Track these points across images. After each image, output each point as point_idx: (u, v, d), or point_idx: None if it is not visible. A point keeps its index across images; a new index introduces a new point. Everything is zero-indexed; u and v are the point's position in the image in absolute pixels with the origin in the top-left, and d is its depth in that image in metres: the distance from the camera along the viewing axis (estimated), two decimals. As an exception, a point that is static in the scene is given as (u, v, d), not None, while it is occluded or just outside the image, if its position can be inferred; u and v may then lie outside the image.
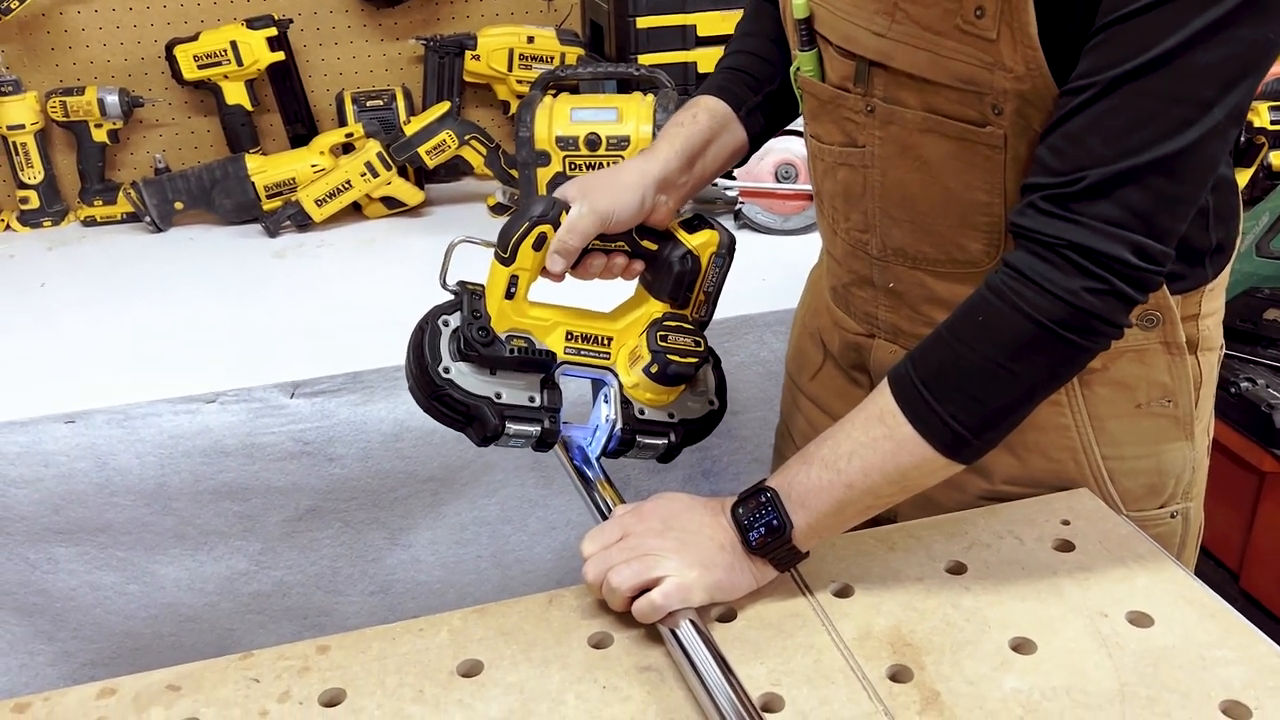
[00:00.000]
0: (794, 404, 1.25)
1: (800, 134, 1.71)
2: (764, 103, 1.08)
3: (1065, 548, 0.95)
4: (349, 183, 1.85)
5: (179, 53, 1.90)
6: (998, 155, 0.84)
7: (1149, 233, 0.76)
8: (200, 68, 1.91)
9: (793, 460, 0.88)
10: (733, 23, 1.17)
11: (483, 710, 0.79)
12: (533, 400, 0.95)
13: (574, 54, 2.03)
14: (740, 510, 0.87)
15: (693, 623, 0.82)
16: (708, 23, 1.87)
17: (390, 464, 1.44)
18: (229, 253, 1.82)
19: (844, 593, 0.90)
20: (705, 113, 1.04)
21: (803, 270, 1.26)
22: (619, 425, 0.99)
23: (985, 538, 0.96)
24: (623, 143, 1.69)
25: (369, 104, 1.98)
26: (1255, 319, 1.46)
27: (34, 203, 1.93)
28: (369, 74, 2.09)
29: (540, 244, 0.91)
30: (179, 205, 1.88)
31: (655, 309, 1.01)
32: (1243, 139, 1.78)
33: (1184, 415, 1.00)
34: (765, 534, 0.85)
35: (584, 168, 1.71)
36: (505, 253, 0.92)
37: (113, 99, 1.88)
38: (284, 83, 2.00)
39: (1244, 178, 1.78)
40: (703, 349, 1.00)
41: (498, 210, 1.92)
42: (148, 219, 1.88)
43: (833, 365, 1.16)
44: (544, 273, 0.94)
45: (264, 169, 1.87)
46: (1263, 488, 1.43)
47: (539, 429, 0.95)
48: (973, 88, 0.82)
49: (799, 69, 0.99)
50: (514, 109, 2.08)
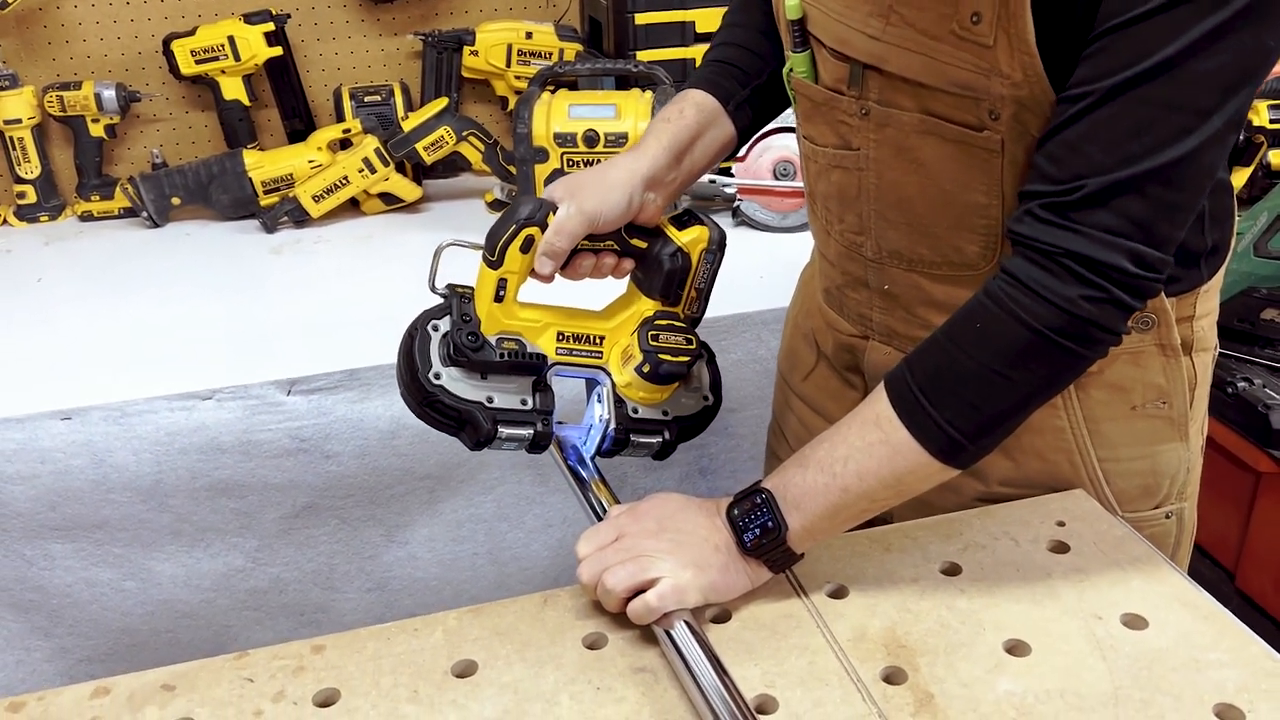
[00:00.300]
0: (786, 404, 1.25)
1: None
2: (752, 96, 1.06)
3: (1060, 549, 0.95)
4: (346, 178, 1.85)
5: (176, 48, 1.90)
6: (995, 159, 0.84)
7: (1148, 241, 0.75)
8: (198, 63, 1.91)
9: (788, 462, 0.87)
10: (732, 20, 1.15)
11: (477, 711, 0.79)
12: (525, 403, 0.95)
13: (572, 50, 2.03)
14: (735, 511, 0.87)
15: (687, 624, 0.82)
16: (706, 19, 1.86)
17: (387, 461, 1.44)
18: (226, 248, 1.82)
19: (839, 594, 0.90)
20: (693, 107, 1.02)
21: (800, 268, 1.26)
22: (613, 425, 0.99)
23: (980, 539, 0.96)
24: (621, 139, 1.69)
25: (367, 99, 1.98)
26: (1252, 319, 1.46)
27: (31, 198, 1.93)
28: (367, 69, 2.09)
29: (528, 246, 0.90)
30: (176, 201, 1.88)
31: (646, 307, 1.00)
32: (1241, 138, 1.78)
33: (1179, 416, 1.00)
34: (760, 535, 0.85)
35: (582, 164, 1.71)
36: (493, 256, 0.91)
37: (110, 94, 1.88)
38: (282, 78, 2.00)
39: (1242, 177, 1.78)
40: (694, 347, 0.99)
41: (496, 206, 1.91)
42: (145, 214, 1.88)
43: (826, 366, 1.15)
44: (533, 274, 0.93)
45: (261, 164, 1.87)
46: (1259, 487, 1.43)
47: (532, 432, 0.95)
48: (969, 93, 0.82)
49: (791, 70, 0.98)
50: (512, 105, 2.07)
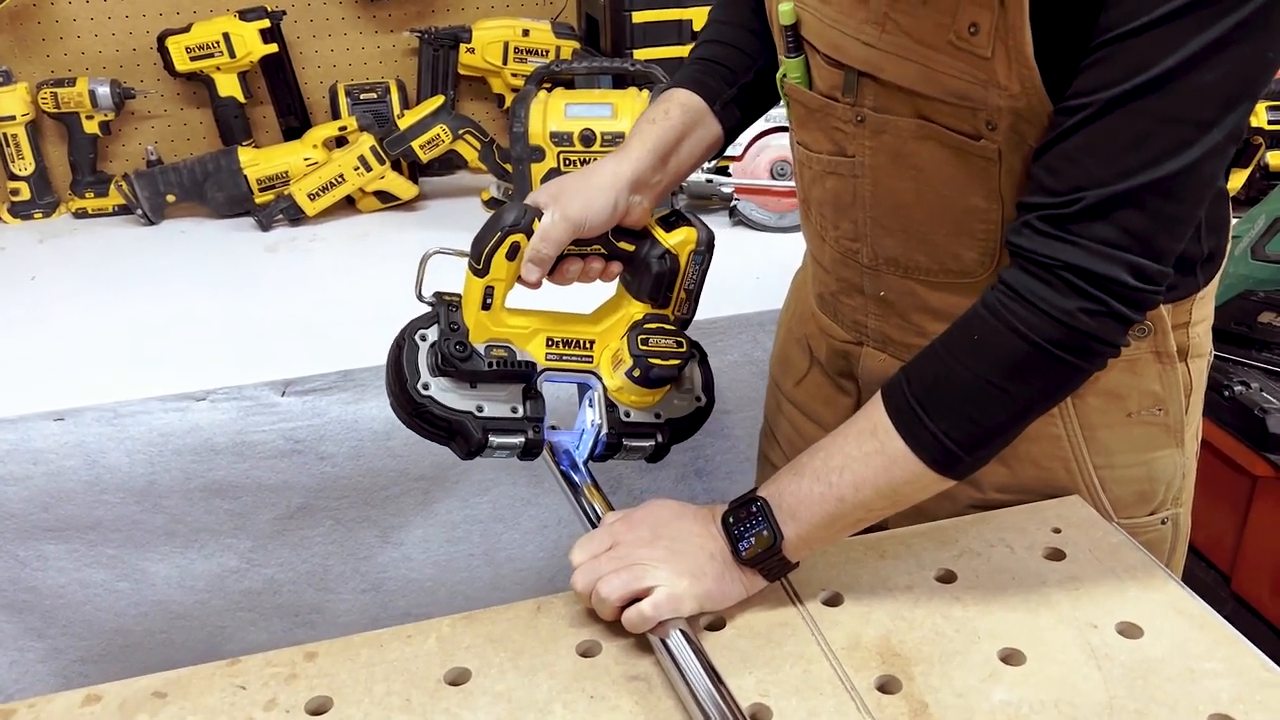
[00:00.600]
0: (778, 408, 1.24)
1: (796, 131, 1.73)
2: (739, 95, 1.04)
3: (1056, 556, 0.95)
4: (342, 176, 1.84)
5: (171, 44, 1.89)
6: (992, 167, 0.83)
7: (1147, 253, 0.75)
8: (193, 59, 1.90)
9: (784, 470, 0.87)
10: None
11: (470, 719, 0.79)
12: (515, 411, 0.94)
13: (569, 48, 2.02)
14: (731, 519, 0.86)
15: (682, 632, 0.82)
16: (704, 18, 1.82)
17: (382, 462, 1.44)
18: (221, 246, 1.81)
19: (833, 601, 0.90)
20: (678, 108, 1.01)
21: (796, 268, 1.25)
22: (604, 430, 0.98)
23: (976, 546, 0.96)
24: (618, 138, 1.68)
25: (363, 97, 1.97)
26: (1249, 322, 1.45)
27: (25, 194, 1.92)
28: (363, 66, 2.08)
29: (514, 254, 0.90)
30: (171, 198, 1.87)
31: (635, 310, 1.00)
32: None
33: (1174, 423, 1.00)
34: (755, 544, 0.85)
35: (579, 163, 1.70)
36: (478, 264, 0.90)
37: (104, 90, 1.87)
38: (277, 75, 1.99)
39: (1240, 178, 1.77)
40: (684, 349, 0.98)
41: (492, 205, 1.91)
42: (139, 211, 1.87)
43: (819, 372, 1.15)
44: (520, 281, 0.92)
45: (256, 162, 1.86)
46: (1255, 491, 1.43)
47: (523, 440, 0.95)
48: (966, 103, 0.81)
49: (785, 76, 0.97)
50: (509, 102, 2.07)
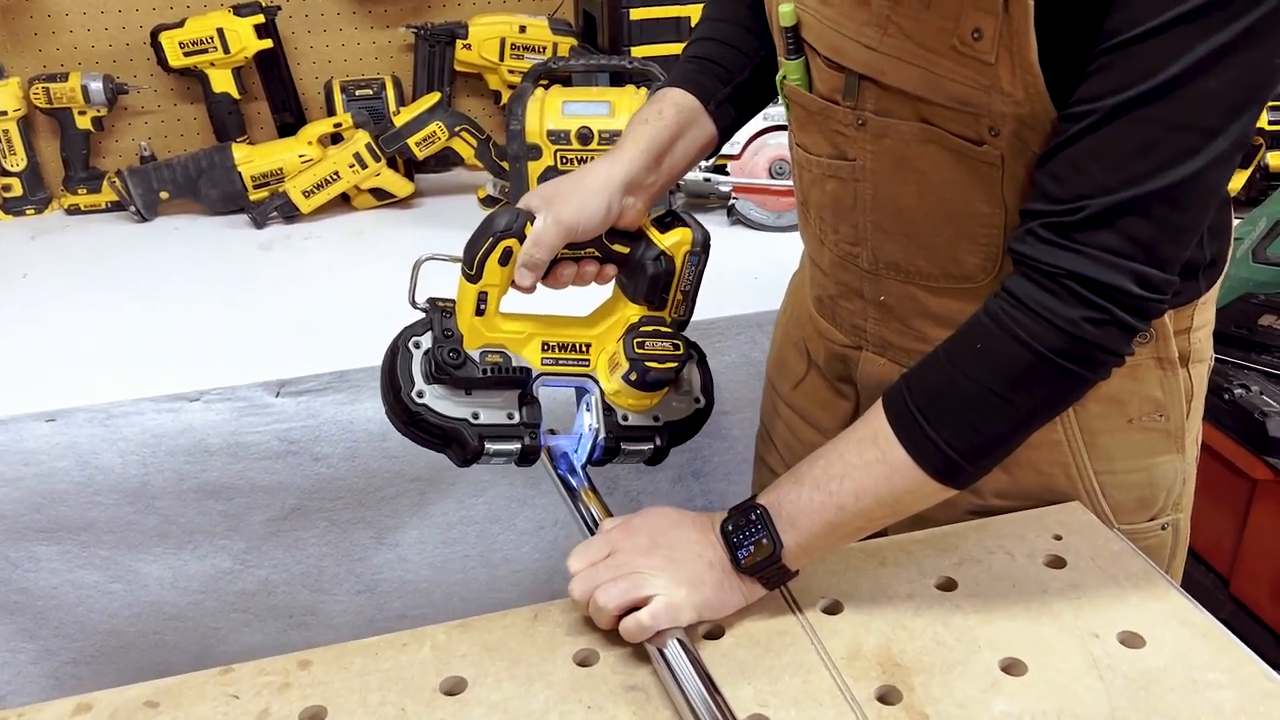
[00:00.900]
0: (774, 411, 1.23)
1: (794, 130, 1.72)
2: (734, 94, 1.02)
3: (1057, 564, 0.94)
4: (337, 174, 1.83)
5: (164, 39, 1.87)
6: (995, 172, 0.82)
7: (1151, 262, 0.74)
8: (186, 55, 1.89)
9: (784, 478, 0.86)
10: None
11: (466, 731, 0.78)
12: (511, 417, 0.93)
13: (566, 44, 2.01)
14: (730, 527, 0.85)
15: (680, 642, 0.81)
16: (702, 15, 1.84)
17: (377, 463, 1.43)
18: (215, 244, 1.79)
19: (833, 609, 0.89)
20: (672, 107, 0.99)
21: (795, 269, 1.24)
22: (602, 434, 0.97)
23: (976, 553, 0.95)
24: (615, 137, 1.64)
25: (358, 93, 1.95)
26: (1250, 325, 1.45)
27: (17, 190, 1.91)
28: (358, 62, 2.06)
29: (506, 259, 0.89)
30: (164, 195, 1.86)
31: (631, 312, 0.99)
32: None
33: (1175, 429, 0.99)
34: (755, 553, 0.83)
35: (576, 161, 1.69)
36: (471, 270, 0.89)
37: (97, 86, 1.85)
38: (272, 71, 1.97)
39: (1241, 179, 1.76)
40: (681, 352, 0.97)
41: (488, 203, 1.89)
42: (132, 208, 1.86)
43: (817, 375, 1.14)
44: (514, 285, 0.91)
45: (251, 159, 1.85)
46: (1254, 495, 1.42)
47: (520, 446, 0.94)
48: (968, 109, 0.80)
49: (785, 77, 0.96)
50: (505, 99, 2.06)
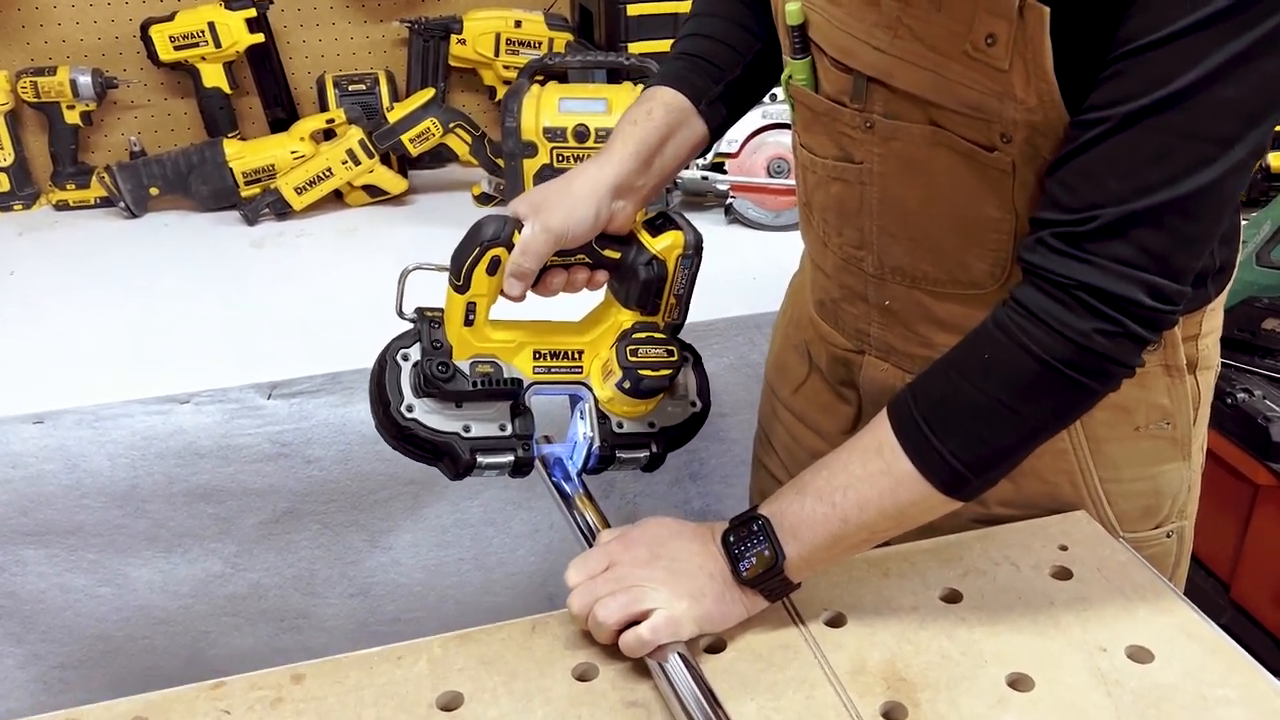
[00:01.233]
0: (773, 414, 1.21)
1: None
2: (725, 92, 0.99)
3: (1063, 575, 0.92)
4: (330, 170, 1.80)
5: (154, 33, 1.84)
6: (1006, 179, 0.80)
7: (1164, 273, 0.72)
8: (177, 49, 1.85)
9: (786, 488, 0.85)
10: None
11: (463, 748, 0.76)
12: (504, 429, 0.92)
13: (562, 40, 1.98)
14: (731, 538, 0.84)
15: (681, 656, 0.80)
16: (700, 11, 1.82)
17: (370, 466, 1.41)
18: (205, 241, 1.77)
19: (836, 622, 0.88)
20: (661, 107, 0.97)
21: (794, 269, 1.22)
22: (597, 442, 0.96)
23: (981, 564, 0.94)
24: (612, 135, 1.64)
25: (351, 88, 1.93)
26: (1253, 329, 1.44)
27: (4, 185, 1.87)
28: (351, 57, 2.03)
29: (494, 268, 0.87)
30: (154, 190, 1.83)
31: (624, 318, 0.97)
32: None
33: (1182, 436, 0.98)
34: (757, 564, 0.82)
35: (572, 159, 1.67)
36: (459, 280, 0.87)
37: (85, 80, 1.82)
38: (263, 65, 1.94)
39: (1242, 180, 1.75)
40: (675, 358, 0.96)
41: (483, 200, 1.87)
42: (122, 204, 1.83)
43: (819, 379, 1.12)
44: (503, 294, 0.89)
45: (242, 155, 1.82)
46: (1257, 500, 1.41)
47: (512, 458, 0.92)
48: (980, 115, 0.78)
49: (790, 77, 0.93)
50: (500, 95, 2.03)
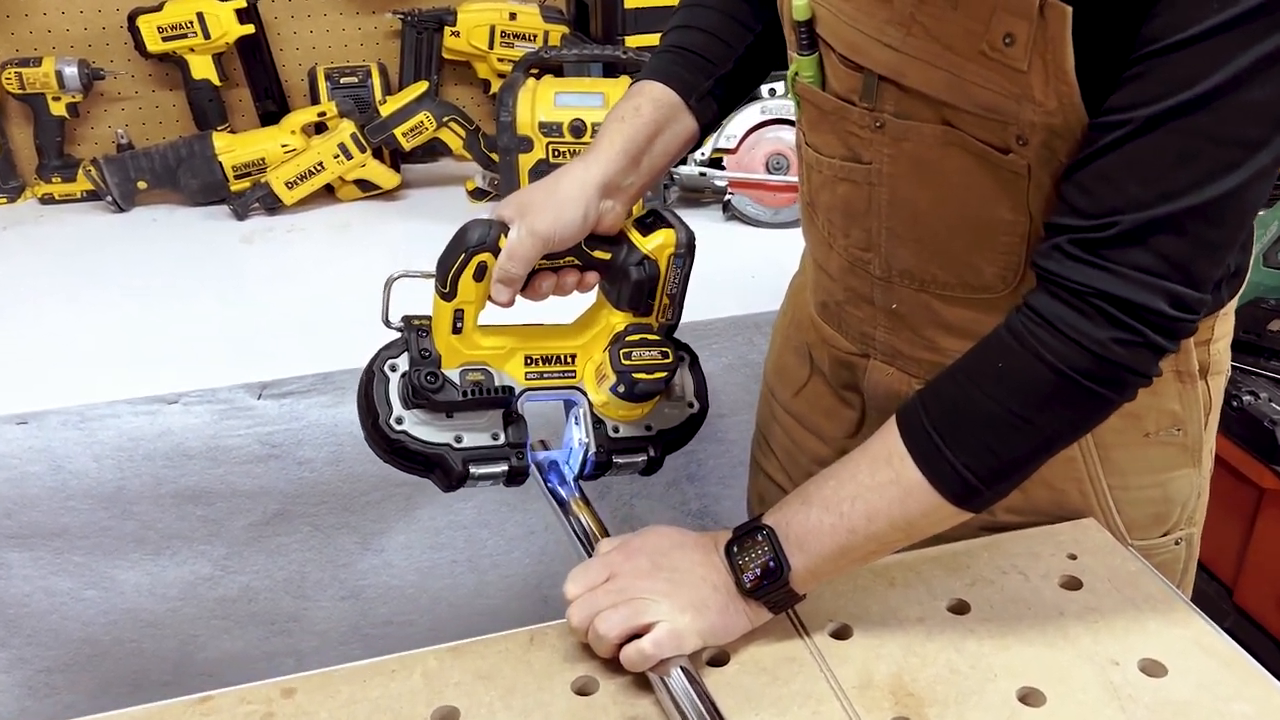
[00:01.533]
0: (772, 417, 1.19)
1: (793, 123, 1.67)
2: (716, 87, 0.96)
3: (1073, 585, 0.91)
4: (321, 164, 1.77)
5: (142, 23, 1.81)
6: (1020, 181, 0.78)
7: (1185, 281, 0.70)
8: (165, 40, 1.82)
9: (791, 497, 0.83)
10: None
11: (459, 766, 0.74)
12: (496, 438, 0.90)
13: (558, 33, 1.95)
14: (735, 549, 0.82)
15: (685, 670, 0.78)
16: (699, 4, 1.79)
17: (362, 467, 1.38)
18: (194, 236, 1.73)
19: (842, 634, 0.86)
20: (649, 103, 0.94)
21: (794, 267, 1.20)
22: (593, 449, 0.94)
23: (988, 573, 0.92)
24: (609, 130, 1.62)
25: (343, 81, 1.90)
26: (1259, 330, 1.42)
27: (-12, 178, 1.85)
28: (343, 49, 2.00)
29: (481, 274, 0.84)
30: (142, 184, 1.80)
31: (617, 320, 0.94)
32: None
33: (1192, 443, 0.97)
34: (761, 576, 0.80)
35: (568, 154, 1.64)
36: (445, 288, 0.85)
37: (72, 71, 1.79)
38: (254, 57, 1.91)
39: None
40: (670, 360, 0.93)
41: (477, 195, 1.84)
42: (109, 198, 1.79)
43: (821, 382, 1.10)
44: (491, 300, 0.87)
45: (232, 148, 1.79)
46: (1261, 504, 1.40)
47: (506, 468, 0.90)
48: (996, 116, 0.76)
49: (797, 74, 0.91)
50: (495, 88, 2.00)
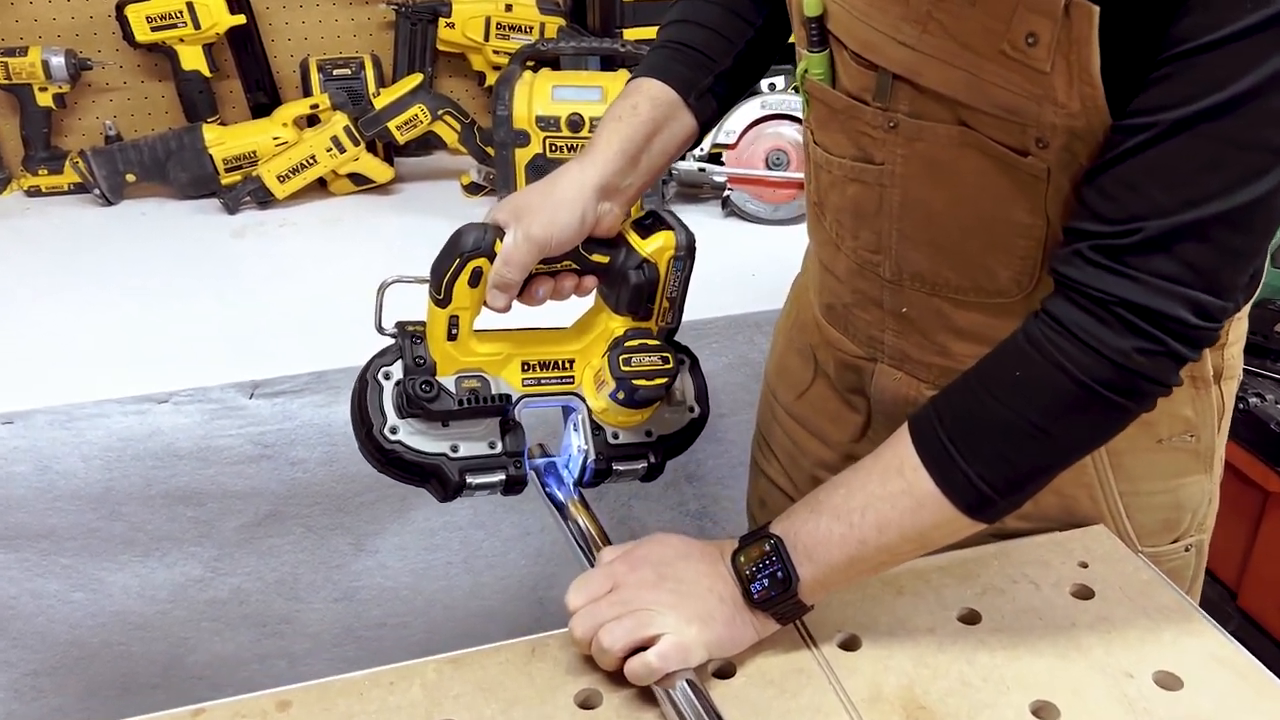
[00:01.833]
0: (773, 419, 1.17)
1: (794, 119, 1.65)
2: (716, 84, 0.94)
3: (1084, 594, 0.89)
4: (314, 158, 1.74)
5: (130, 12, 1.77)
6: (1039, 184, 0.76)
7: (1210, 289, 0.68)
8: (154, 29, 1.78)
9: (798, 506, 0.81)
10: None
11: (460, 783, 0.72)
12: (493, 446, 0.87)
13: (554, 24, 1.92)
14: (741, 558, 0.80)
15: (690, 683, 0.76)
16: (698, -4, 1.76)
17: (356, 467, 1.35)
18: (184, 231, 1.70)
19: (850, 645, 0.84)
20: (647, 102, 0.91)
21: (795, 265, 1.18)
22: (592, 456, 0.92)
23: (999, 582, 0.90)
24: (606, 124, 1.59)
25: (336, 73, 1.86)
26: (1266, 331, 1.40)
27: (-27, 170, 1.81)
28: (336, 40, 1.97)
29: (476, 279, 0.82)
30: (131, 177, 1.76)
31: (616, 325, 0.92)
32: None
33: (1205, 449, 0.95)
34: (769, 586, 0.78)
35: (565, 149, 1.62)
36: (439, 294, 0.82)
37: (58, 61, 1.75)
38: (245, 48, 1.88)
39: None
40: (671, 366, 0.91)
41: (472, 190, 1.82)
42: (96, 191, 1.76)
43: (825, 385, 1.08)
44: (486, 306, 0.84)
45: (222, 140, 1.76)
46: (1266, 506, 1.38)
47: (504, 476, 0.88)
48: (1015, 118, 0.73)
49: (806, 71, 0.88)
50: (490, 80, 1.98)
